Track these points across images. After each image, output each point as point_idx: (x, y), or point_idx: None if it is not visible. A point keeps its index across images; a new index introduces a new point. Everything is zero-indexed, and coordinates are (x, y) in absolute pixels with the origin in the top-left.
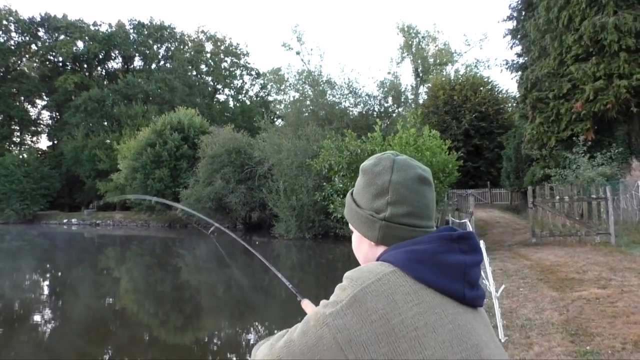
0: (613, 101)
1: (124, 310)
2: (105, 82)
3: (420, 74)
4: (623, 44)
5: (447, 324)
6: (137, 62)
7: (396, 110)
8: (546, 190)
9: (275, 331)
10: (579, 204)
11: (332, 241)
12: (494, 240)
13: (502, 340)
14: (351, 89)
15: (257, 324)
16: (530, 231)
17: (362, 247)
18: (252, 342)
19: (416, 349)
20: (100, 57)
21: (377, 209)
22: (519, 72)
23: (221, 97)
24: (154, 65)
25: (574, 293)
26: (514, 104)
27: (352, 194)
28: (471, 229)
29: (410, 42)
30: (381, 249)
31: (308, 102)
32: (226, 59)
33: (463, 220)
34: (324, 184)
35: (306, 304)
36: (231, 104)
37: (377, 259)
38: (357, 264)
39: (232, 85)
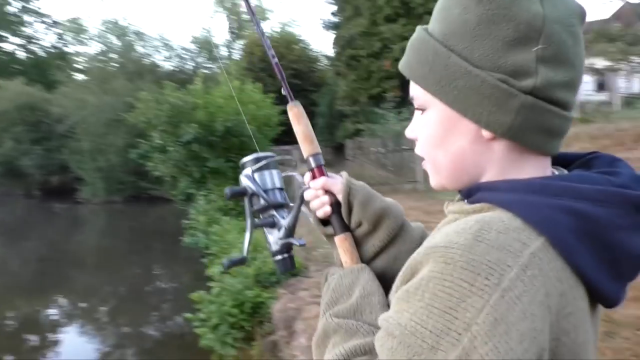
0: None
1: None
2: None
3: (235, 31)
4: (428, 8)
5: (590, 342)
6: None
7: (210, 67)
8: (365, 144)
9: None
10: (393, 155)
11: (146, 203)
12: None
13: None
14: (164, 42)
15: (59, 298)
16: None
17: (455, 140)
18: (54, 317)
19: None
20: None
21: (516, 69)
22: (335, 31)
23: (8, 47)
24: None
25: None
26: (328, 63)
27: (427, 32)
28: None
29: None
30: (500, 151)
31: (115, 55)
32: (13, 2)
33: (290, 174)
34: (141, 141)
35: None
36: (22, 55)
37: (480, 196)
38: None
39: (21, 33)
